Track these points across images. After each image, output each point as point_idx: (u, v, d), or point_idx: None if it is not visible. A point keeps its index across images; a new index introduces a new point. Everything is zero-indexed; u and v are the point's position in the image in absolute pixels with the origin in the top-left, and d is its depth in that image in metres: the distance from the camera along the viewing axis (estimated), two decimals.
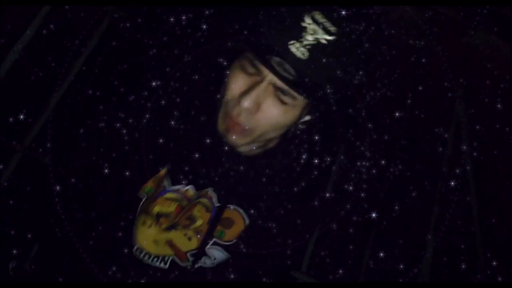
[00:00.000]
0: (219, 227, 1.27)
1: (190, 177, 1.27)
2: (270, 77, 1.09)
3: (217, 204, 1.27)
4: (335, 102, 1.31)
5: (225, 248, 1.29)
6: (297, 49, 1.03)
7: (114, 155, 1.24)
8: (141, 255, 1.26)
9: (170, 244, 1.27)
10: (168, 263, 1.28)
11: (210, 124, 1.23)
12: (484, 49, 1.80)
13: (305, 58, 1.04)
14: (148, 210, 1.26)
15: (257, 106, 1.11)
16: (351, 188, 1.34)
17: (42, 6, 1.51)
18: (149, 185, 1.27)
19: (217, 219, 1.26)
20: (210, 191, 1.27)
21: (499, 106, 1.58)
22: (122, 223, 1.26)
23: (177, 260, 1.28)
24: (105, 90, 1.29)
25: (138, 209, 1.27)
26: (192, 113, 1.25)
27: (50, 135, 1.33)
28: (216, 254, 1.29)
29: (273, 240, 1.28)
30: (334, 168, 1.36)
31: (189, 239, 1.27)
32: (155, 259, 1.27)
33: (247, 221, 1.28)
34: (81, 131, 1.26)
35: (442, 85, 1.68)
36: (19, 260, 1.30)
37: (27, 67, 1.68)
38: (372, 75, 1.33)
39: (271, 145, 1.25)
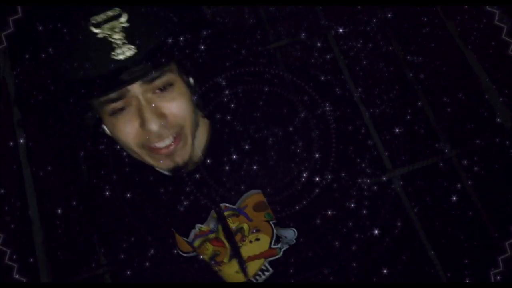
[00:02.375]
0: (263, 213, 1.27)
1: (190, 221, 1.28)
2: (136, 89, 1.02)
3: (236, 206, 1.26)
4: (335, 120, 1.30)
5: (282, 225, 1.29)
6: (123, 53, 0.97)
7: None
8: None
9: (253, 257, 1.30)
10: (269, 267, 1.33)
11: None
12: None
13: (135, 50, 0.97)
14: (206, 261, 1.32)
15: (160, 115, 1.05)
16: (352, 205, 1.33)
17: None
18: (183, 243, 1.31)
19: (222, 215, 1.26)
20: (221, 205, 1.26)
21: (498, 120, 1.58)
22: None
23: (272, 258, 1.31)
24: None
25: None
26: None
27: (52, 157, 1.34)
28: (283, 233, 1.30)
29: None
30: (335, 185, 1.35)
31: (258, 239, 1.29)
32: (257, 277, 1.33)
33: (261, 191, 1.26)
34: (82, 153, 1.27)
35: (441, 99, 1.69)
36: None
37: (27, 88, 1.69)
38: (371, 91, 1.33)
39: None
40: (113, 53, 0.97)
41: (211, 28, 1.17)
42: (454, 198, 1.46)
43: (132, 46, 0.97)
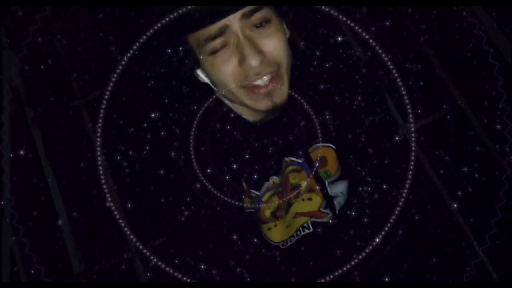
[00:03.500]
0: (320, 170, 1.27)
1: (267, 173, 1.26)
2: (235, 23, 1.05)
3: (301, 160, 1.26)
4: (335, 128, 1.31)
5: (341, 178, 1.29)
6: None
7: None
8: (288, 244, 1.30)
9: (301, 214, 1.29)
10: (310, 225, 1.30)
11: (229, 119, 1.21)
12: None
13: None
14: (262, 219, 1.29)
15: (259, 51, 1.07)
16: (353, 214, 1.33)
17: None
18: (247, 200, 1.28)
19: (312, 165, 1.25)
20: (285, 159, 1.26)
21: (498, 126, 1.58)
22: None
23: (316, 220, 1.30)
24: (105, 123, 1.29)
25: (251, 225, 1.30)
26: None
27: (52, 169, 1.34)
28: (339, 188, 1.30)
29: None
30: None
31: (310, 199, 1.29)
32: (298, 233, 1.30)
33: (333, 146, 1.27)
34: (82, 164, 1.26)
35: (440, 106, 1.69)
36: None
37: (26, 102, 1.70)
38: (370, 100, 1.33)
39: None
40: None
41: None
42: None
43: None
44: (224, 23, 1.04)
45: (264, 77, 1.09)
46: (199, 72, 1.16)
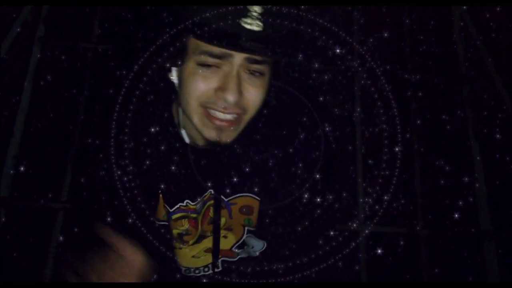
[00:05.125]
0: (244, 216, 1.28)
1: (183, 193, 1.26)
2: (238, 59, 1.07)
3: (227, 199, 1.27)
4: (334, 140, 1.31)
5: (258, 235, 1.30)
6: (251, 24, 1.03)
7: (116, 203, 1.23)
8: (191, 273, 1.31)
9: (211, 250, 1.29)
10: (220, 265, 1.31)
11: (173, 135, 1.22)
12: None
13: (261, 28, 1.04)
14: (172, 235, 1.29)
15: (240, 92, 1.09)
16: (355, 224, 1.33)
17: None
18: (161, 212, 1.28)
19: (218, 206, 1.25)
20: (211, 191, 1.26)
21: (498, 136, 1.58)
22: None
23: (227, 259, 1.31)
24: (104, 138, 1.29)
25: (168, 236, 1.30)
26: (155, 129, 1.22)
27: (52, 185, 1.34)
28: (252, 242, 1.31)
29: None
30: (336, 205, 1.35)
31: (225, 237, 1.29)
32: (205, 269, 1.31)
33: (258, 199, 1.28)
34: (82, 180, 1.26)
35: (440, 116, 1.69)
36: None
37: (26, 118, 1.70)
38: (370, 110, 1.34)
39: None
40: (244, 19, 1.03)
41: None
42: None
43: (261, 24, 1.04)
44: (231, 52, 1.06)
45: (227, 115, 1.11)
46: (173, 70, 1.16)
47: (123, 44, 1.81)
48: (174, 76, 1.16)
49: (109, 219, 1.20)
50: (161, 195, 1.28)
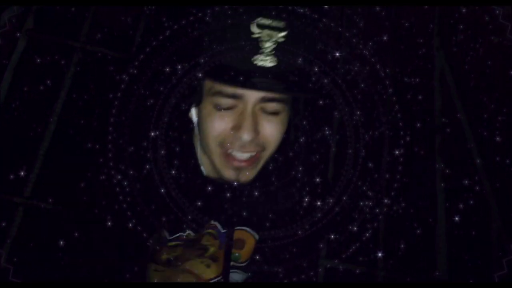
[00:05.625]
0: (234, 250, 1.26)
1: (188, 224, 1.25)
2: (252, 97, 1.07)
3: (223, 230, 1.26)
4: (335, 144, 1.31)
5: (244, 269, 1.29)
6: (264, 61, 1.03)
7: (116, 207, 1.22)
8: None
9: (190, 272, 1.26)
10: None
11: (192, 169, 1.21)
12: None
13: (275, 64, 1.03)
14: (156, 259, 1.26)
15: (256, 130, 1.09)
16: (355, 228, 1.33)
17: None
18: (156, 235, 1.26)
19: (230, 243, 1.24)
20: (213, 221, 1.26)
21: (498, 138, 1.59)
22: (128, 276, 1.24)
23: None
24: (104, 143, 1.29)
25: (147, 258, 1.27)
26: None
27: (52, 190, 1.33)
28: (236, 277, 1.30)
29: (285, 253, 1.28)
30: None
31: (208, 266, 1.26)
32: None
33: (257, 236, 1.27)
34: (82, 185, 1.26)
35: (440, 120, 1.69)
36: None
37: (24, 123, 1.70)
38: (370, 113, 1.34)
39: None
40: (255, 56, 1.02)
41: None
42: None
43: (275, 60, 1.03)
44: (243, 92, 1.06)
45: (245, 154, 1.11)
46: (193, 110, 1.17)
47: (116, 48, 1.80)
48: (194, 116, 1.17)
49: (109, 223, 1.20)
50: (163, 223, 1.26)
